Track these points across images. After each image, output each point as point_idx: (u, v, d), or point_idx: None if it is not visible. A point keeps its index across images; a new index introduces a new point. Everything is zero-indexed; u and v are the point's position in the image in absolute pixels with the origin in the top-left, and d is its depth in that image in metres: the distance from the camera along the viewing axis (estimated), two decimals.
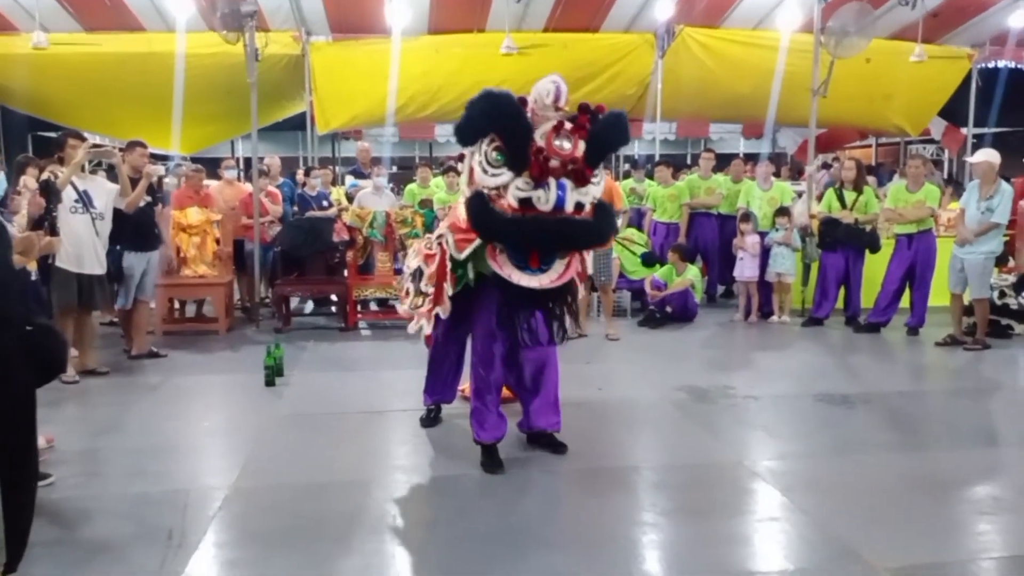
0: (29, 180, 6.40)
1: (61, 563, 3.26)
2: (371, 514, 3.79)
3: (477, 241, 3.98)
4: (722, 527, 3.64)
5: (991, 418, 5.53)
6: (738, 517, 3.77)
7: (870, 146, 17.36)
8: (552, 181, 3.75)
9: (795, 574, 3.25)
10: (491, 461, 4.29)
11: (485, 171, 3.83)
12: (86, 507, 3.81)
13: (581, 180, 3.80)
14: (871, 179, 9.69)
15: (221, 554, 3.43)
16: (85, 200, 5.93)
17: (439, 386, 4.97)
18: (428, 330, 4.52)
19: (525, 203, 3.78)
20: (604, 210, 4.00)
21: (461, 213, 4.05)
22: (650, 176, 10.05)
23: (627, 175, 9.92)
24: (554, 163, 3.74)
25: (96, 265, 6.04)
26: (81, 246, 5.89)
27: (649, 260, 8.76)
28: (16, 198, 5.83)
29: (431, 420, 5.02)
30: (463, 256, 4.06)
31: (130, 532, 3.57)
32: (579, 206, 3.84)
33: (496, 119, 3.76)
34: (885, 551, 3.36)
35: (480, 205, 3.83)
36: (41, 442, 4.43)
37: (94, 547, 3.41)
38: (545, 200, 3.75)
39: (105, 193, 6.16)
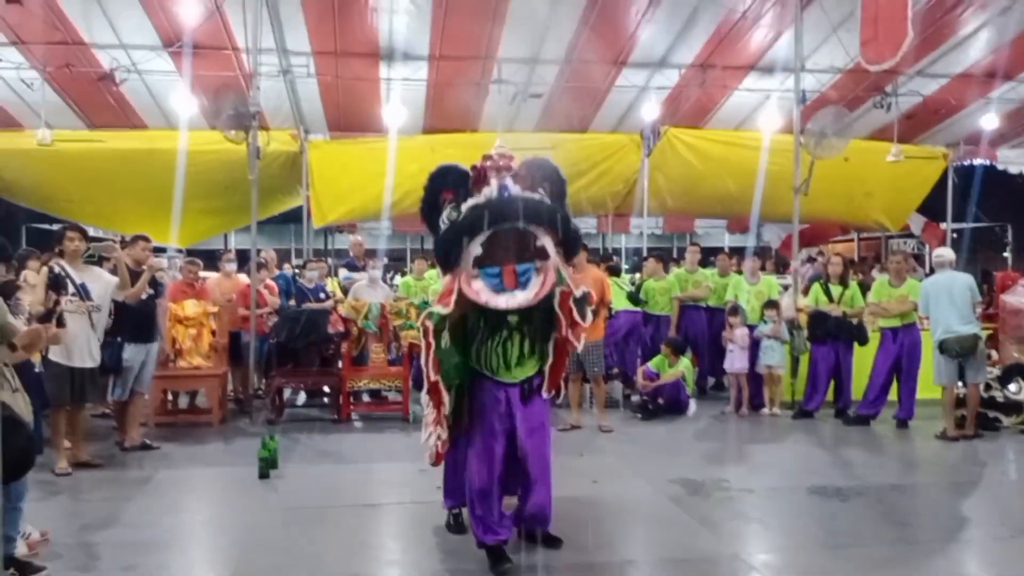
0: (30, 275, 6.48)
1: None
2: None
3: (455, 293, 4.09)
4: None
5: (983, 511, 5.53)
6: None
7: (852, 240, 17.81)
8: (493, 180, 4.07)
9: None
10: (499, 562, 4.17)
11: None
12: None
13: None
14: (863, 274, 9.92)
15: None
16: (82, 292, 5.99)
17: (459, 488, 4.61)
18: (435, 442, 4.42)
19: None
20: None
21: (440, 287, 4.27)
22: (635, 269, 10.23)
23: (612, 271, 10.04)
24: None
25: (88, 359, 6.04)
26: (75, 340, 5.88)
27: (634, 299, 8.87)
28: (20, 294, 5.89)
29: (457, 525, 4.72)
30: (448, 310, 4.09)
31: None
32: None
33: (444, 175, 4.25)
34: None
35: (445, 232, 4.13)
36: (36, 536, 4.44)
37: None
38: (491, 190, 4.05)
39: (103, 285, 6.23)
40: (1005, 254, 18.34)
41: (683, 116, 11.34)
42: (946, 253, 7.77)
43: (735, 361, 8.56)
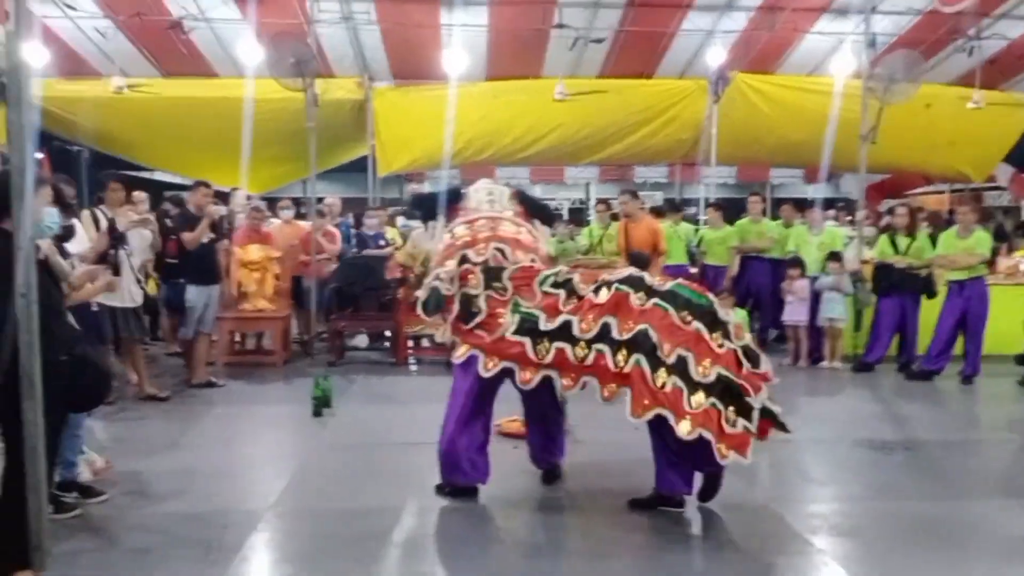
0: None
1: (106, 567, 3.55)
2: (401, 538, 3.97)
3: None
4: (744, 565, 3.70)
5: None
6: (763, 556, 3.81)
7: (942, 192, 17.06)
8: None
9: None
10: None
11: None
12: (132, 522, 4.07)
13: None
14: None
15: (254, 569, 3.62)
16: (121, 238, 6.31)
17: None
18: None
19: None
20: None
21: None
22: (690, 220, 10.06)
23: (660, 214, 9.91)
24: None
25: (128, 300, 6.31)
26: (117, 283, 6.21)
27: (690, 254, 8.73)
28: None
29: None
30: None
31: (171, 545, 3.81)
32: None
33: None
34: None
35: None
36: (100, 463, 4.74)
37: (136, 557, 3.65)
38: None
39: (140, 238, 6.59)
40: None
41: (752, 62, 10.97)
42: None
43: (793, 313, 8.41)
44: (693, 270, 9.31)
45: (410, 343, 8.47)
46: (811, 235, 8.88)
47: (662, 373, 3.85)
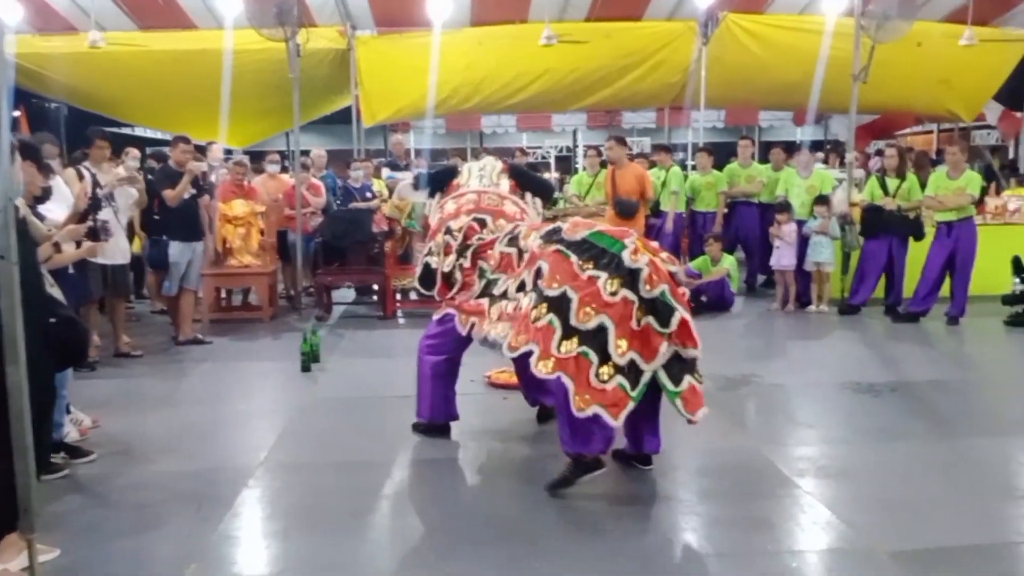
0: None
1: (95, 527, 3.54)
2: (391, 492, 3.98)
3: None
4: (733, 510, 3.72)
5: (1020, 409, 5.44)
6: (749, 501, 3.82)
7: (930, 132, 16.93)
8: None
9: (796, 555, 3.31)
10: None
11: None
12: (121, 481, 4.07)
13: None
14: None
15: (245, 524, 3.64)
16: (108, 196, 6.26)
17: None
18: None
19: None
20: None
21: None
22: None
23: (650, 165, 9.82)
24: None
25: (119, 256, 6.35)
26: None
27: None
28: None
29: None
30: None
31: (162, 503, 3.81)
32: None
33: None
34: (888, 535, 3.40)
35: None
36: (87, 423, 4.74)
37: (126, 515, 3.66)
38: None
39: (126, 195, 6.52)
40: None
41: (742, 1, 10.77)
42: None
43: (781, 258, 8.40)
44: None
45: (398, 296, 8.44)
46: (800, 178, 8.82)
47: (542, 308, 3.73)
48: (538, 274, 3.85)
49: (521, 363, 4.52)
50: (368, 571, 3.23)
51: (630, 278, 3.63)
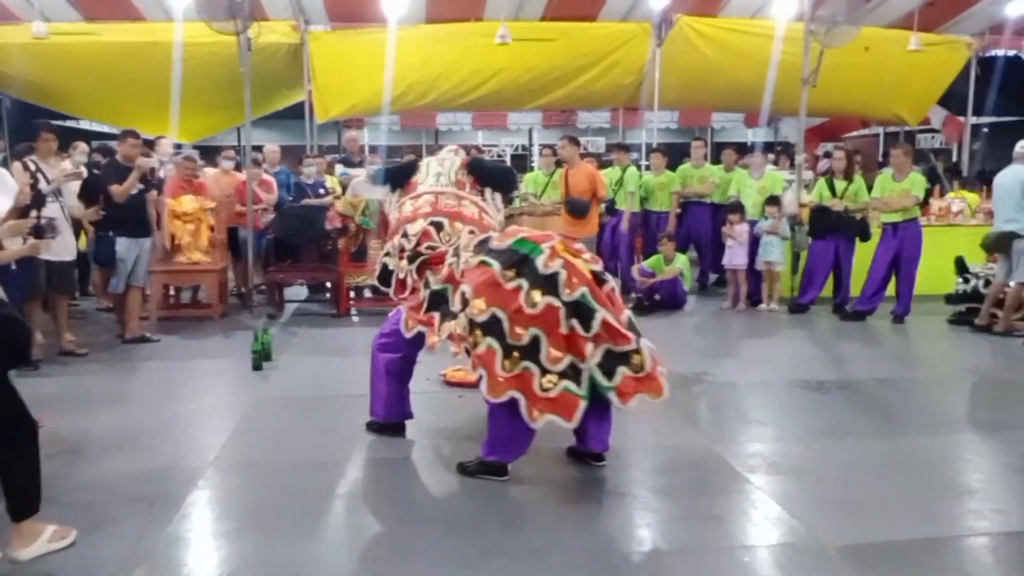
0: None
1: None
2: (344, 491, 3.94)
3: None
4: (685, 506, 3.76)
5: (967, 405, 5.60)
6: (700, 497, 3.86)
7: (876, 135, 17.31)
8: None
9: (748, 550, 3.35)
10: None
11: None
12: (70, 482, 3.95)
13: None
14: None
15: (195, 525, 3.57)
16: (56, 191, 6.11)
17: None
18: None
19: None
20: None
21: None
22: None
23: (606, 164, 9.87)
24: None
25: (65, 253, 6.20)
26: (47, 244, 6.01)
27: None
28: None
29: None
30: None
31: (109, 504, 3.72)
32: None
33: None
34: (836, 531, 3.47)
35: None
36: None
37: (74, 516, 3.53)
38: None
39: (70, 192, 6.43)
40: None
41: (695, 4, 10.88)
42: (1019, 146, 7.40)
43: (734, 257, 8.52)
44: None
45: (352, 294, 8.37)
46: (752, 179, 8.96)
47: (477, 333, 3.77)
48: (464, 300, 3.87)
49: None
50: (321, 571, 3.19)
51: (550, 284, 3.69)
